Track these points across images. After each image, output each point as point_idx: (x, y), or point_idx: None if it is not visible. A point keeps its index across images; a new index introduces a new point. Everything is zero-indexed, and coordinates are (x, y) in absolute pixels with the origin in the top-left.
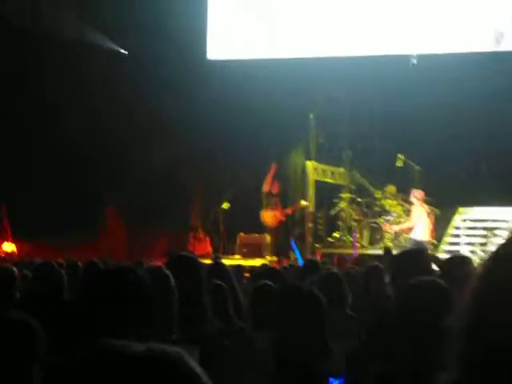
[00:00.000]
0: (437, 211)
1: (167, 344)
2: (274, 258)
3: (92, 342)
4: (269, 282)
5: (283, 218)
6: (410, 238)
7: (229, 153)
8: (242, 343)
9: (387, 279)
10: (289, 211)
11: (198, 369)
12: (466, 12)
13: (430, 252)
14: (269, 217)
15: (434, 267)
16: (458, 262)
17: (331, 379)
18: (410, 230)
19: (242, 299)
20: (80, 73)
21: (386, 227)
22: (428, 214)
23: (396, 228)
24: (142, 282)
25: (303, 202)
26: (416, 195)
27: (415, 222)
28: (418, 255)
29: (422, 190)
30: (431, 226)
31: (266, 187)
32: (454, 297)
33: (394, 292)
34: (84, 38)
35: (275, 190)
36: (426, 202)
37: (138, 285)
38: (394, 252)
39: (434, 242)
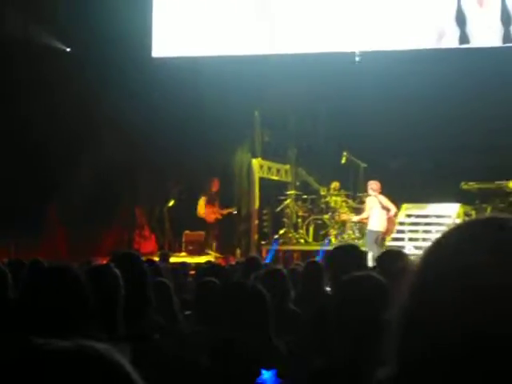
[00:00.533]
0: None
1: (109, 341)
2: (219, 255)
3: (22, 339)
4: (212, 279)
5: (219, 217)
6: (368, 231)
7: (174, 150)
8: (178, 340)
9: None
10: (224, 212)
11: (128, 366)
12: (409, 9)
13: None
14: (207, 213)
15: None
16: (393, 256)
17: (262, 371)
18: (367, 219)
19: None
20: (29, 72)
21: (344, 217)
22: (383, 205)
23: (355, 218)
24: (79, 280)
25: (234, 210)
26: (372, 186)
27: (369, 213)
28: (351, 250)
29: (378, 181)
30: (386, 217)
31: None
32: (390, 291)
33: (330, 287)
34: (30, 38)
35: (214, 188)
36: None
37: (75, 283)
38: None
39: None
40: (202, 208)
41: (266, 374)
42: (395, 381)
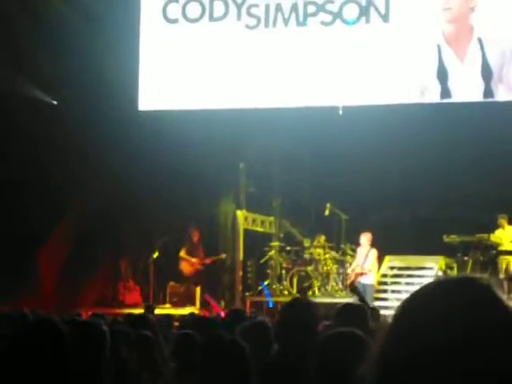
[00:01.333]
0: None
1: None
2: (197, 308)
3: None
4: (190, 331)
5: (200, 267)
6: (367, 285)
7: (160, 202)
8: None
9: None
10: (208, 261)
11: None
12: (391, 65)
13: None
14: (185, 267)
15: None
16: (351, 311)
17: None
18: (366, 272)
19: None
20: (16, 124)
21: (356, 270)
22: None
23: (359, 270)
24: (61, 335)
25: (223, 255)
26: (369, 238)
27: (374, 266)
28: (304, 307)
29: (369, 232)
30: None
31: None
32: (368, 348)
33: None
34: (17, 90)
35: (195, 239)
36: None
37: (57, 338)
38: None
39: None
40: (184, 266)
41: None
42: None
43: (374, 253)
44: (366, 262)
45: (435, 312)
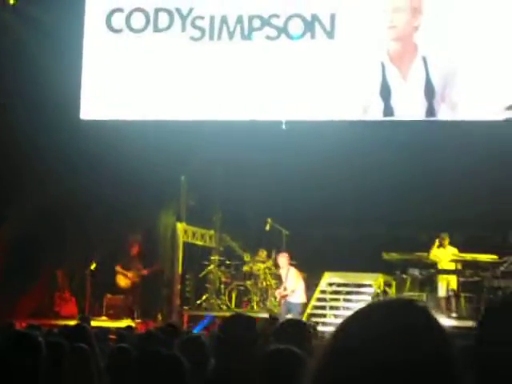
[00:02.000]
0: (304, 275)
1: None
2: (139, 320)
3: None
4: (126, 345)
5: (136, 280)
6: (295, 304)
7: (99, 213)
8: None
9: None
10: (145, 272)
11: None
12: (336, 82)
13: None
14: (121, 279)
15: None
16: (293, 325)
17: None
18: (290, 293)
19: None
20: None
21: (278, 294)
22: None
23: (288, 291)
24: None
25: (161, 267)
26: (287, 258)
27: (298, 284)
28: (246, 321)
29: (287, 252)
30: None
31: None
32: (305, 365)
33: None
34: None
35: (133, 253)
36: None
37: None
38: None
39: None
40: (119, 280)
41: None
42: None
43: (293, 271)
44: (287, 283)
45: (371, 335)
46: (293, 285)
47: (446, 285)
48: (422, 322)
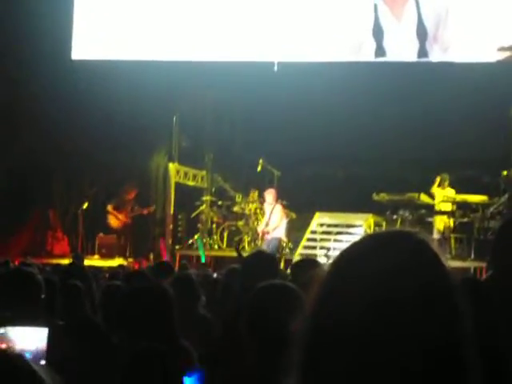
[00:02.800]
0: (293, 215)
1: None
2: (131, 259)
3: None
4: (117, 282)
5: (127, 221)
6: (273, 238)
7: (91, 153)
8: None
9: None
10: (137, 212)
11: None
12: (327, 22)
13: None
14: (112, 220)
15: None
16: (308, 265)
17: (187, 374)
18: (271, 230)
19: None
20: None
21: (263, 230)
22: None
23: (271, 228)
24: None
25: (151, 208)
26: (274, 195)
27: (280, 222)
28: (267, 258)
29: (275, 189)
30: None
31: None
32: (303, 301)
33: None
34: None
35: (129, 196)
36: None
37: None
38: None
39: (290, 245)
40: (111, 220)
41: (188, 381)
42: None
43: (278, 209)
44: (271, 219)
45: (369, 265)
46: (276, 221)
47: (437, 226)
48: (423, 253)
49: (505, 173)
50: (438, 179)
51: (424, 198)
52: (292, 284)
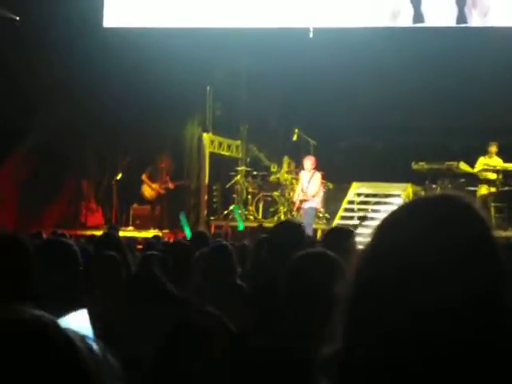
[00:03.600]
0: (330, 185)
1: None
2: (166, 230)
3: None
4: (155, 252)
5: (162, 191)
6: (310, 208)
7: (124, 123)
8: None
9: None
10: (171, 186)
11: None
12: None
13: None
14: (146, 190)
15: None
16: (341, 234)
17: None
18: (310, 198)
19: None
20: None
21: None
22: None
23: (310, 195)
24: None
25: (187, 181)
26: (313, 161)
27: (319, 190)
28: (293, 227)
29: (314, 156)
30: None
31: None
32: (342, 268)
33: (271, 263)
34: None
35: (163, 164)
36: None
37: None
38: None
39: (327, 215)
40: (145, 190)
41: None
42: (341, 361)
43: (317, 177)
44: (310, 187)
45: (414, 227)
46: (315, 189)
47: (477, 194)
48: (467, 213)
49: None
50: (489, 148)
51: (463, 166)
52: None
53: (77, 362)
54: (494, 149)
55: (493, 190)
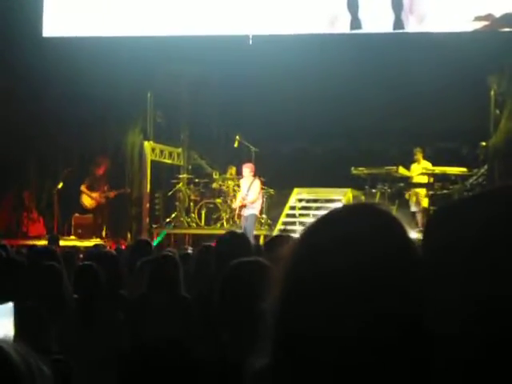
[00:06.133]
0: (271, 191)
1: None
2: (108, 239)
3: None
4: (90, 263)
5: (102, 200)
6: (250, 215)
7: (65, 132)
8: None
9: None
10: (111, 194)
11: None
12: None
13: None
14: (86, 199)
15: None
16: (283, 241)
17: None
18: (249, 204)
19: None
20: None
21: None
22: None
23: (243, 201)
24: None
25: (127, 189)
26: (253, 169)
27: (259, 196)
28: (239, 236)
29: (253, 163)
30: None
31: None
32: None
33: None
34: None
35: (99, 172)
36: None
37: None
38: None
39: (269, 221)
40: (85, 200)
41: None
42: (271, 371)
43: (257, 183)
44: (249, 194)
45: (337, 234)
46: (254, 195)
47: (415, 199)
48: (383, 224)
49: (483, 144)
50: (414, 154)
51: (402, 171)
52: (265, 260)
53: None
54: (419, 154)
55: (431, 193)
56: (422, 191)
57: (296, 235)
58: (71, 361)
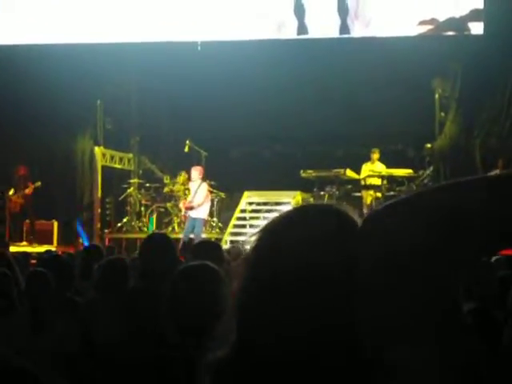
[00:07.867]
0: (222, 195)
1: None
2: (60, 245)
3: None
4: (41, 269)
5: (20, 200)
6: (198, 219)
7: (16, 139)
8: None
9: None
10: (27, 191)
11: None
12: (249, 1)
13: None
14: (11, 204)
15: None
16: (209, 246)
17: None
18: (196, 206)
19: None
20: None
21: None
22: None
23: (190, 204)
24: None
25: (37, 183)
26: (202, 172)
27: (206, 199)
28: (162, 240)
29: (201, 166)
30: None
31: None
32: (223, 277)
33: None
34: None
35: (22, 173)
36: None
37: None
38: None
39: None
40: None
41: None
42: (227, 363)
43: (204, 187)
44: (196, 196)
45: (292, 234)
46: (201, 198)
47: (365, 200)
48: (336, 225)
49: (429, 145)
50: (372, 155)
51: (350, 173)
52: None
53: None
54: (376, 155)
55: (378, 195)
56: (371, 192)
57: (246, 238)
58: None
